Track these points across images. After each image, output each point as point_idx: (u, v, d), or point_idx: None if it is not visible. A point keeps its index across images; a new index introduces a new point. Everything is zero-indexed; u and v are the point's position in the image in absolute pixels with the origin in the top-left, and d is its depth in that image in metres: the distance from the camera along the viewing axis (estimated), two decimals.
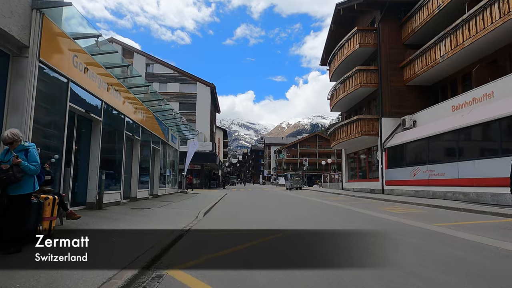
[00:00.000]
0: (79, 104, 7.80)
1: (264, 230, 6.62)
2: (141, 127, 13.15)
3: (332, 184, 32.42)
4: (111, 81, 9.75)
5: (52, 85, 6.71)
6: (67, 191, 7.17)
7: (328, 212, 10.47)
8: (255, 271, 3.69)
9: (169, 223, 7.30)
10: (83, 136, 8.81)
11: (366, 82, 20.68)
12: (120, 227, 6.19)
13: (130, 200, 12.42)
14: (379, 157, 20.11)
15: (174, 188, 21.28)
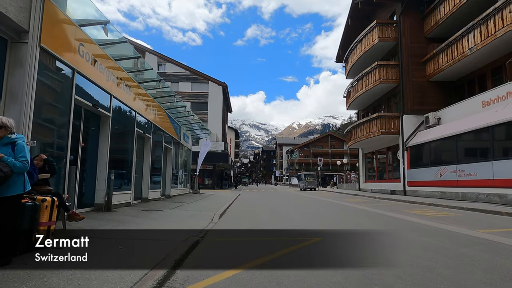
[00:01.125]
0: (86, 98, 7.21)
1: (288, 236, 5.90)
2: (153, 124, 12.57)
3: (348, 185, 31.42)
4: (121, 75, 9.17)
5: (55, 75, 6.12)
6: (72, 192, 6.58)
7: (353, 215, 9.66)
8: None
9: (183, 227, 6.63)
10: (91, 133, 8.24)
11: (386, 78, 19.72)
12: (128, 232, 5.54)
13: (141, 201, 11.85)
14: (400, 156, 19.13)
15: (186, 189, 20.71)
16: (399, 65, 19.43)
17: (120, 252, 4.21)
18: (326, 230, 6.71)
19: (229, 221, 8.47)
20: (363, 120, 21.60)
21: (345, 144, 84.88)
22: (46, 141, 6.08)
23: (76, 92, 6.73)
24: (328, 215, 9.89)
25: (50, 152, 6.20)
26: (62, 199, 4.80)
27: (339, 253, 4.61)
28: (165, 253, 4.12)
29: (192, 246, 4.82)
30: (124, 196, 9.73)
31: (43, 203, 4.05)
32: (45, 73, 5.78)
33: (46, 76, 5.85)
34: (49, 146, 6.18)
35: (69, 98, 6.51)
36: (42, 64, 5.63)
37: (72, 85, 6.57)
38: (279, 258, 4.20)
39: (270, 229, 6.93)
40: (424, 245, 5.31)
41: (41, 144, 5.86)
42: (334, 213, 10.57)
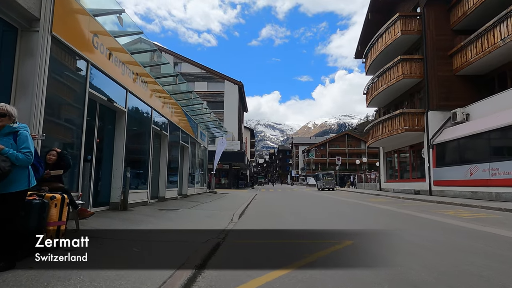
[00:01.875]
0: (100, 92, 6.90)
1: (316, 238, 5.40)
2: (170, 122, 12.27)
3: (368, 185, 30.52)
4: (137, 70, 8.87)
5: (68, 66, 5.82)
6: (87, 190, 6.26)
7: (381, 216, 9.05)
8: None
9: (202, 227, 6.22)
10: (106, 128, 7.95)
11: (409, 73, 18.88)
12: (144, 233, 5.17)
13: (158, 200, 11.56)
14: (425, 155, 18.27)
15: (203, 188, 20.42)
16: (423, 59, 18.56)
17: (134, 254, 3.81)
18: (355, 232, 6.17)
19: (250, 221, 8.03)
20: (385, 117, 20.78)
21: (363, 143, 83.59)
22: (59, 137, 5.79)
23: (90, 85, 6.43)
24: (353, 216, 9.32)
25: (63, 148, 5.90)
26: (70, 195, 4.46)
27: (376, 259, 4.09)
28: (185, 256, 3.70)
29: (214, 249, 4.39)
30: (140, 195, 9.43)
31: (52, 201, 3.70)
32: (57, 64, 5.48)
33: (59, 67, 5.55)
34: (61, 141, 5.88)
35: (83, 91, 6.21)
36: (54, 54, 5.32)
37: (86, 78, 6.26)
38: (313, 264, 3.71)
39: (295, 231, 6.45)
40: (471, 249, 4.72)
41: (53, 140, 5.56)
42: (360, 214, 9.98)
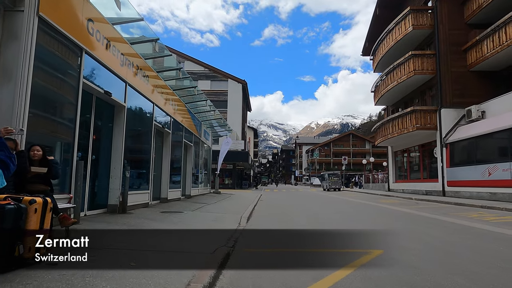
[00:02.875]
0: (96, 83, 6.29)
1: (339, 247, 4.76)
2: (172, 119, 11.65)
3: (375, 185, 29.79)
4: (138, 62, 8.26)
5: (58, 52, 5.20)
6: (81, 191, 5.63)
7: (399, 220, 8.38)
8: None
9: (208, 233, 5.59)
10: (104, 124, 7.34)
11: (421, 69, 18.15)
12: (143, 240, 4.54)
13: (160, 201, 10.94)
14: (438, 154, 17.54)
15: (207, 189, 19.80)
16: (435, 54, 17.83)
17: (130, 272, 3.19)
18: (379, 238, 5.52)
19: (260, 225, 7.40)
20: (395, 116, 20.06)
21: (367, 143, 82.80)
22: (47, 133, 5.16)
23: (85, 75, 5.81)
24: (370, 220, 8.65)
25: (52, 145, 5.28)
26: (53, 199, 3.83)
27: (427, 277, 3.43)
28: (190, 274, 3.07)
29: (223, 262, 3.76)
30: (141, 196, 8.81)
31: (31, 206, 3.08)
32: (45, 49, 4.87)
33: (47, 53, 4.94)
34: (50, 138, 5.25)
35: (76, 82, 5.59)
36: (42, 37, 4.71)
37: (80, 67, 5.65)
38: (344, 282, 3.07)
39: (313, 236, 5.78)
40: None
41: (40, 136, 4.95)
42: (375, 217, 9.32)
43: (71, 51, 5.44)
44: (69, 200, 4.59)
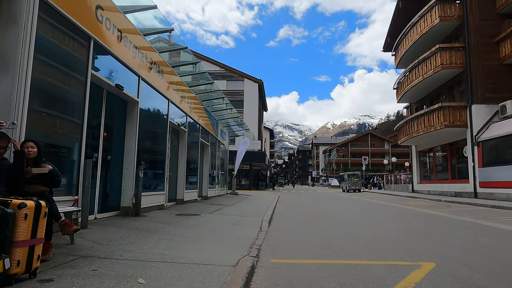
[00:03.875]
0: (107, 75, 5.82)
1: (387, 258, 4.09)
2: (189, 117, 11.17)
3: (398, 186, 28.62)
4: (152, 56, 7.80)
5: (63, 39, 4.72)
6: (89, 193, 5.13)
7: (438, 226, 7.58)
8: None
9: (228, 240, 5.01)
10: (116, 121, 6.88)
11: (449, 63, 17.10)
12: (154, 249, 3.99)
13: (176, 203, 10.47)
14: (469, 153, 16.46)
15: (224, 189, 19.30)
16: (465, 47, 16.77)
17: None
18: (425, 248, 4.80)
19: (283, 229, 6.77)
20: (421, 113, 19.01)
21: (386, 143, 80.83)
22: (49, 129, 4.68)
23: (94, 67, 5.34)
24: (405, 225, 7.89)
25: (57, 143, 4.82)
26: (51, 202, 3.32)
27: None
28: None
29: (248, 277, 3.16)
30: (156, 198, 8.34)
31: (20, 211, 2.56)
32: (48, 36, 4.40)
33: (50, 40, 4.47)
34: (54, 135, 4.77)
35: (84, 73, 5.12)
36: (44, 22, 4.24)
37: (88, 57, 5.17)
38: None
39: (346, 241, 5.08)
40: None
41: (42, 133, 4.48)
42: (409, 222, 8.54)
43: (78, 39, 4.96)
44: (74, 203, 4.10)
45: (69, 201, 4.44)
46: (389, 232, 6.40)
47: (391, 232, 6.48)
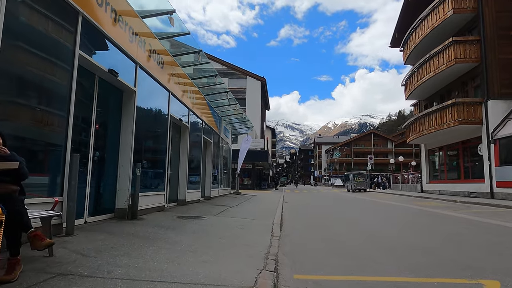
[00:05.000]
0: (98, 59, 5.07)
1: (431, 274, 3.35)
2: (191, 112, 10.44)
3: (405, 186, 27.83)
4: (151, 43, 7.07)
5: (43, 10, 3.97)
6: (76, 194, 4.40)
7: (467, 229, 6.84)
8: None
9: (238, 249, 4.27)
10: (110, 112, 6.15)
11: (463, 57, 16.31)
12: (151, 263, 3.25)
13: (177, 203, 9.74)
14: (484, 151, 15.68)
15: (227, 189, 18.57)
16: (480, 40, 15.98)
17: None
18: (475, 259, 4.05)
19: (297, 235, 6.03)
20: (432, 109, 18.23)
21: (390, 142, 79.96)
22: (24, 120, 3.92)
23: (83, 46, 4.59)
24: (433, 230, 7.15)
25: (34, 136, 4.08)
26: (16, 207, 2.59)
27: None
28: None
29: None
30: (155, 198, 7.60)
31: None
32: (22, 7, 3.65)
33: (24, 11, 3.72)
34: (30, 127, 4.01)
35: (70, 54, 4.38)
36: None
37: (76, 35, 4.43)
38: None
39: (376, 251, 4.34)
40: None
41: (14, 125, 3.74)
42: (435, 225, 7.79)
43: (61, 12, 4.22)
44: (53, 206, 3.37)
45: (47, 204, 3.70)
46: (419, 239, 5.65)
47: (422, 238, 5.73)
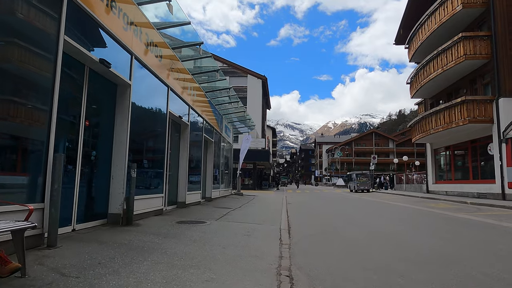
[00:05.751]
0: (87, 47, 4.52)
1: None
2: (191, 109, 9.89)
3: (410, 186, 27.28)
4: (149, 33, 6.52)
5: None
6: (59, 199, 3.84)
7: (498, 237, 6.30)
8: None
9: (245, 263, 3.72)
10: (103, 107, 5.60)
11: (473, 53, 15.77)
12: (144, 285, 2.70)
13: (177, 206, 9.20)
14: (495, 150, 15.14)
15: (228, 190, 18.02)
16: (490, 36, 15.43)
17: None
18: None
19: (308, 242, 5.48)
20: (440, 108, 17.68)
21: (391, 142, 79.44)
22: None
23: (69, 32, 4.04)
24: (457, 237, 6.60)
25: (7, 129, 3.52)
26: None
27: None
28: None
29: None
30: (153, 201, 7.05)
31: None
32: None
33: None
34: (3, 120, 3.45)
35: (54, 38, 3.82)
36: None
37: (60, 18, 3.87)
38: None
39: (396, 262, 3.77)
40: None
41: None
42: (457, 231, 7.24)
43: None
44: (27, 216, 2.81)
45: (20, 213, 3.14)
46: (449, 248, 5.09)
47: (451, 248, 5.16)
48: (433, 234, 6.42)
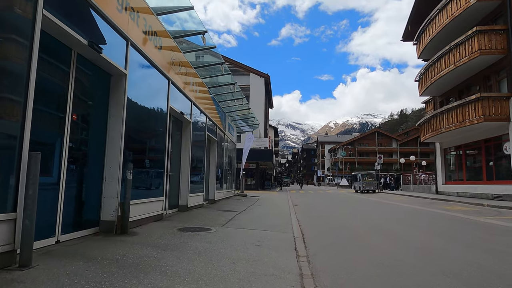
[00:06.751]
0: (72, 26, 3.83)
1: None
2: (193, 105, 9.21)
3: (418, 187, 26.54)
4: (147, 17, 5.84)
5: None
6: (35, 208, 3.18)
7: None
8: None
9: (261, 285, 3.03)
10: (94, 99, 4.92)
11: (488, 48, 15.05)
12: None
13: (178, 209, 8.52)
14: (511, 150, 14.42)
15: (232, 191, 17.34)
16: (507, 29, 14.71)
17: None
18: None
19: (328, 254, 4.79)
20: (452, 106, 16.96)
21: (394, 141, 78.62)
22: None
23: (49, 6, 3.36)
24: (489, 247, 5.92)
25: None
26: None
27: None
28: None
29: None
30: (152, 206, 6.37)
31: None
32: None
33: None
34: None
35: (30, 11, 3.14)
36: None
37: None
38: None
39: None
40: None
41: None
42: (490, 240, 6.56)
43: None
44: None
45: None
46: (487, 260, 4.40)
47: (487, 259, 4.48)
48: (474, 247, 5.72)
